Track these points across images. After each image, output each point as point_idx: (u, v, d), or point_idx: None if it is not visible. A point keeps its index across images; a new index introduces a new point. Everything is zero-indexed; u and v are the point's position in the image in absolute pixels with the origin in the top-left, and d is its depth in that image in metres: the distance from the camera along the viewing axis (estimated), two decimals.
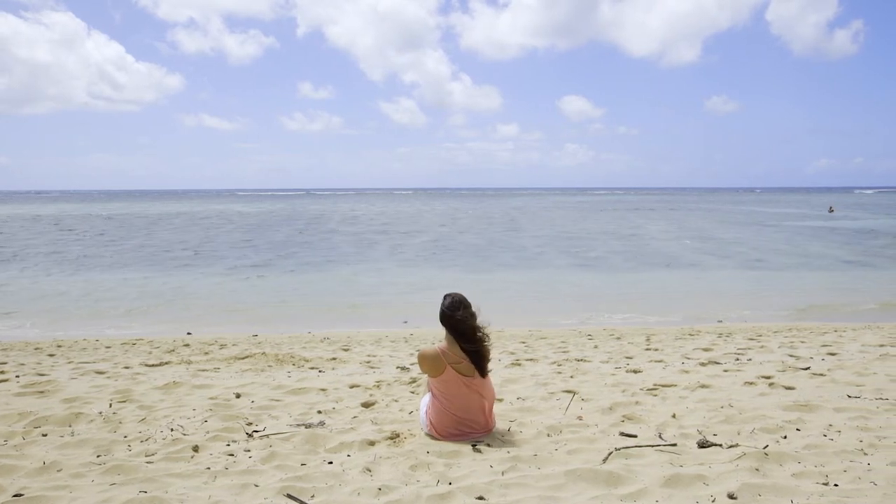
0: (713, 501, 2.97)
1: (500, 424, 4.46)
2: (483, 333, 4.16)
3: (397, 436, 4.19)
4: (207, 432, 4.31)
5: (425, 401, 4.34)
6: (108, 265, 21.93)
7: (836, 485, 3.13)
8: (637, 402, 5.08)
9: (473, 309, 4.19)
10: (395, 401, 5.31)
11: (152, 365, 7.70)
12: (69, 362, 8.00)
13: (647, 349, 8.73)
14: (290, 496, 3.05)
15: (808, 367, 6.56)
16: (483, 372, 4.16)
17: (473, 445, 3.94)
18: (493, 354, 8.28)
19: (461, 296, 4.21)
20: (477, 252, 26.28)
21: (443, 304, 4.18)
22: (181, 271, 20.60)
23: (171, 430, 4.39)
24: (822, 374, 6.19)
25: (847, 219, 47.75)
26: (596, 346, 9.12)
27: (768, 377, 6.08)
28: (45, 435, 4.25)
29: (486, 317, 4.28)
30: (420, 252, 26.43)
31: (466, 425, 4.13)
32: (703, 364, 7.08)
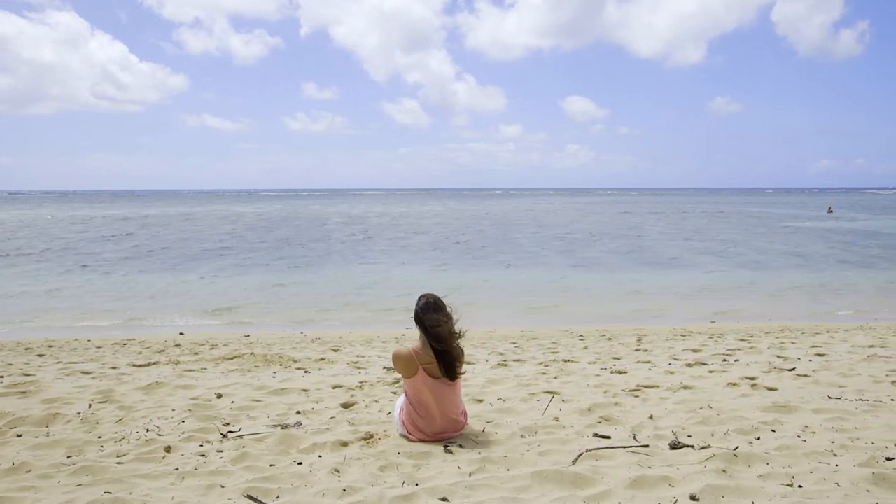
0: (675, 503, 2.96)
1: (477, 425, 4.45)
2: (456, 335, 4.14)
3: (371, 437, 4.19)
4: (183, 433, 4.31)
5: (400, 402, 4.34)
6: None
7: (800, 486, 3.12)
8: (617, 404, 5.07)
9: (448, 310, 4.18)
10: (376, 401, 5.31)
11: (140, 365, 7.70)
12: (57, 362, 8.01)
13: (637, 350, 8.72)
14: (250, 497, 3.05)
15: (794, 369, 6.54)
16: (454, 374, 4.14)
17: (445, 447, 3.93)
18: (482, 355, 8.34)
19: (435, 297, 4.21)
20: (475, 252, 26.29)
21: (417, 305, 4.18)
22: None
23: (147, 430, 4.39)
24: (806, 376, 6.17)
25: (844, 219, 47.83)
26: (586, 347, 9.10)
27: (752, 378, 6.06)
28: (19, 436, 4.25)
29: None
30: (419, 252, 26.45)
31: (439, 426, 4.12)
32: (689, 365, 7.07)
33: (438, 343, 4.09)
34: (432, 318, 4.09)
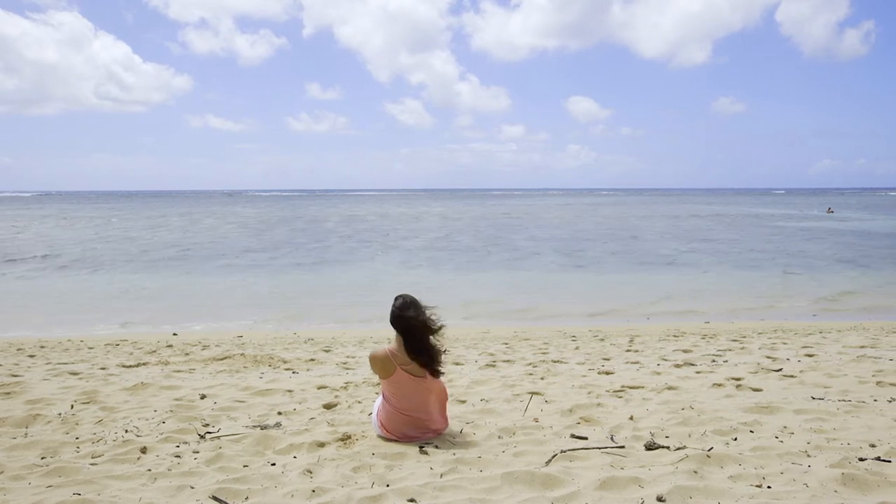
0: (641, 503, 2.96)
1: (457, 426, 4.45)
2: (433, 334, 4.14)
3: (348, 437, 4.19)
4: (161, 434, 4.31)
5: (378, 402, 4.33)
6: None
7: (769, 487, 3.11)
8: (599, 405, 5.06)
9: (427, 310, 4.18)
10: (358, 402, 5.30)
11: (129, 366, 7.70)
12: (47, 363, 8.01)
13: (628, 350, 8.70)
14: (216, 498, 3.05)
15: (781, 369, 6.53)
16: (434, 373, 4.15)
17: (421, 447, 3.93)
18: (472, 356, 8.33)
19: (412, 297, 4.21)
20: (473, 253, 26.29)
21: (393, 306, 4.18)
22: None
23: (126, 431, 4.39)
24: (792, 376, 6.16)
25: (845, 220, 47.86)
26: (577, 348, 9.09)
27: (738, 379, 6.05)
28: None
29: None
30: (417, 253, 26.45)
31: (417, 426, 4.12)
32: (678, 366, 7.05)
33: (416, 342, 4.09)
34: (409, 317, 4.09)
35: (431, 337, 4.14)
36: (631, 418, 4.61)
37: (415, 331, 4.09)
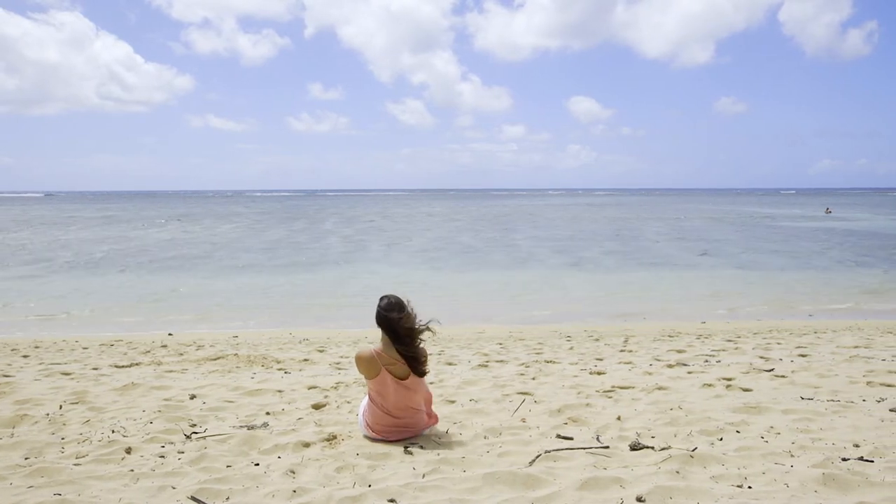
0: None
1: (444, 426, 4.44)
2: (419, 335, 4.15)
3: (334, 437, 4.18)
4: (147, 434, 4.31)
5: (364, 402, 4.33)
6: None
7: (749, 487, 3.10)
8: (588, 405, 5.05)
9: (410, 310, 4.18)
10: (347, 402, 5.30)
11: (122, 366, 7.71)
12: (40, 363, 8.02)
13: (622, 350, 8.69)
14: (194, 499, 3.05)
15: (773, 369, 6.52)
16: (419, 373, 4.15)
17: (406, 447, 3.93)
18: (466, 356, 8.32)
19: (398, 297, 4.21)
20: (472, 252, 26.29)
21: (379, 306, 4.18)
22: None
23: (113, 431, 4.38)
24: (783, 376, 6.15)
25: (843, 220, 47.90)
26: (571, 348, 9.08)
27: (729, 379, 6.04)
28: None
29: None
30: (416, 253, 26.46)
31: (402, 426, 4.12)
32: (670, 366, 7.04)
33: (402, 342, 4.09)
34: (395, 317, 4.09)
35: (417, 337, 4.14)
36: (618, 419, 4.60)
37: (399, 331, 4.09)
